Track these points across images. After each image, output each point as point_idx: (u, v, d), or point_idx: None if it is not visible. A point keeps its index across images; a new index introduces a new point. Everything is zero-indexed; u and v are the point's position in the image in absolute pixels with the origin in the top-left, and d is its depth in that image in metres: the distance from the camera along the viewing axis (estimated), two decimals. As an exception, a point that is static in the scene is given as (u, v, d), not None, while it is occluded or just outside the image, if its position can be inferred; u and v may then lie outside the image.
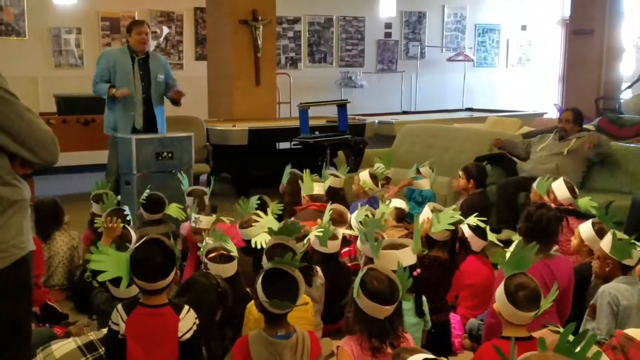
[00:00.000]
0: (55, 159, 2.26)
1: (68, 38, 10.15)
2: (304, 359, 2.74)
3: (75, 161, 8.14)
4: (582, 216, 4.46)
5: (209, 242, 3.64)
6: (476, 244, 3.94)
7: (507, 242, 4.46)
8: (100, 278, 2.72)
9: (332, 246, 3.75)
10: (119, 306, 2.72)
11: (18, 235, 2.21)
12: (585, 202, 4.59)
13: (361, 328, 2.66)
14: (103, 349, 2.94)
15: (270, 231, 3.55)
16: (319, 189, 4.88)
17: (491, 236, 3.96)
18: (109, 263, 2.67)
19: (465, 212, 4.26)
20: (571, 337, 1.90)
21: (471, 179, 5.39)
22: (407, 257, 3.11)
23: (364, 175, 5.34)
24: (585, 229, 3.80)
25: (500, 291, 2.70)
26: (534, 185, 4.94)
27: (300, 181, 4.92)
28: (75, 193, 7.77)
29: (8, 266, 2.16)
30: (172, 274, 2.71)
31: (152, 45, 10.65)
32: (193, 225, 4.34)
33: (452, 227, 3.58)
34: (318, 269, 3.60)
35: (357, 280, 2.69)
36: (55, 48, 10.08)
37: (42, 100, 9.44)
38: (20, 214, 2.22)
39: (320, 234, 3.64)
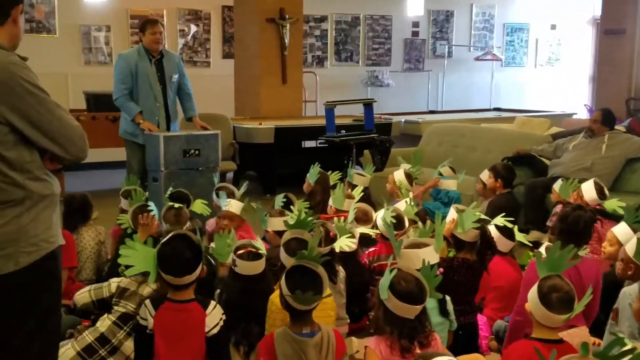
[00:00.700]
0: (85, 154, 2.28)
1: (97, 35, 10.27)
2: (328, 357, 2.73)
3: (104, 157, 8.20)
4: (609, 216, 4.39)
5: (212, 246, 3.62)
6: (503, 244, 3.87)
7: (536, 244, 4.41)
8: (128, 273, 2.75)
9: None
10: (147, 301, 2.75)
11: (48, 230, 2.24)
12: (612, 203, 4.52)
13: (392, 329, 2.65)
14: (103, 349, 2.97)
15: (286, 224, 3.55)
16: (349, 206, 4.63)
17: (519, 237, 3.91)
18: (137, 258, 2.69)
19: (493, 212, 4.22)
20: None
21: (499, 178, 5.33)
22: (429, 256, 3.09)
23: (399, 175, 5.17)
24: (627, 236, 3.57)
25: (533, 291, 2.66)
26: (555, 186, 4.88)
27: (333, 192, 4.75)
28: (104, 189, 7.86)
29: (38, 260, 2.20)
30: (199, 269, 2.73)
31: (179, 43, 10.74)
32: (224, 207, 4.40)
33: (477, 225, 3.54)
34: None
35: (385, 282, 2.67)
36: (85, 45, 10.20)
37: (71, 97, 9.57)
38: (50, 209, 2.25)
39: (348, 244, 3.60)
